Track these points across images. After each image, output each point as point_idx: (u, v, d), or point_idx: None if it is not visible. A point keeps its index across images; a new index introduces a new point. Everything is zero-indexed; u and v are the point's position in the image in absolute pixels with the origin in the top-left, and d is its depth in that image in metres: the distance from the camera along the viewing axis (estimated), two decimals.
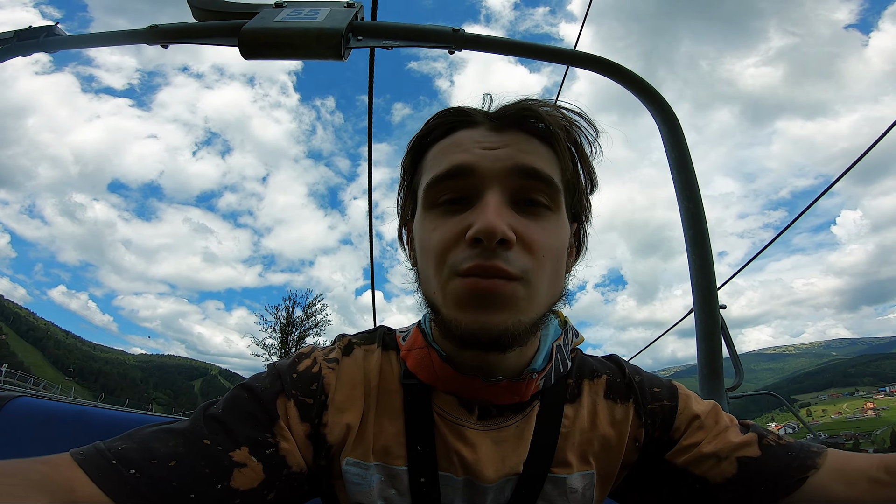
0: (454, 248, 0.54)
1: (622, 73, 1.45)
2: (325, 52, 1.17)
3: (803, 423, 3.22)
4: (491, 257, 0.52)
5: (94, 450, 0.48)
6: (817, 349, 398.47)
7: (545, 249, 0.55)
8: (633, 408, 0.65)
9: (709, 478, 0.59)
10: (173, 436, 0.52)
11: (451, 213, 0.57)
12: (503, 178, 0.56)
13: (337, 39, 1.16)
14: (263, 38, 1.15)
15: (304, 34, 1.15)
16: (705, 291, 1.30)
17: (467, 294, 0.52)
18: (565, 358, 0.66)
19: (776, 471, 0.58)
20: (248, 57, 1.16)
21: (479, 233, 0.51)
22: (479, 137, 0.58)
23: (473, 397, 0.61)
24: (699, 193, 1.35)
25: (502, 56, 1.43)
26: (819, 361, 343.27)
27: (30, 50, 1.26)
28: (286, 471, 0.55)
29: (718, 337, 1.29)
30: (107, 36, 1.26)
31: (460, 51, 1.33)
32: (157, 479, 0.47)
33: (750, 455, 0.59)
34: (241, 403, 0.56)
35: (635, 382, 0.67)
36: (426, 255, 0.58)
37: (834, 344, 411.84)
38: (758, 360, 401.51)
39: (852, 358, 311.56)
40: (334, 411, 0.60)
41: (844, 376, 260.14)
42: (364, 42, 1.24)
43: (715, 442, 0.60)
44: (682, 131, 1.41)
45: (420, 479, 0.58)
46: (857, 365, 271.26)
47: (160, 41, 1.21)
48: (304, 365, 0.62)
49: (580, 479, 0.61)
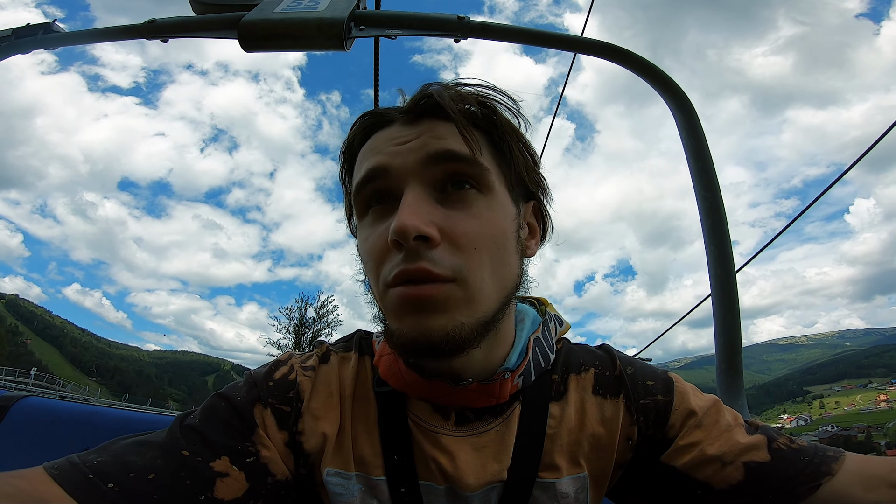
0: (385, 257, 0.52)
1: (633, 60, 1.40)
2: (327, 43, 1.14)
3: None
4: (415, 259, 0.48)
5: (69, 464, 0.47)
6: (830, 340, 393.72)
7: (477, 241, 0.51)
8: (624, 403, 0.60)
9: (712, 483, 0.55)
10: (150, 448, 0.50)
11: (379, 219, 0.54)
12: (418, 170, 0.52)
13: (338, 29, 1.12)
14: (263, 30, 1.12)
15: (304, 24, 1.12)
16: (724, 283, 1.26)
17: (400, 303, 0.50)
18: (546, 351, 0.62)
19: (787, 477, 0.53)
20: (247, 49, 1.14)
21: (394, 234, 0.48)
22: (394, 134, 0.56)
23: (446, 403, 0.58)
24: (717, 182, 1.30)
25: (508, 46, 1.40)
26: (832, 352, 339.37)
27: (28, 47, 1.24)
28: (271, 479, 0.53)
29: (738, 330, 1.25)
30: (105, 31, 1.25)
31: (465, 39, 1.28)
32: (136, 493, 0.45)
33: (758, 460, 0.54)
34: (218, 413, 0.55)
35: (626, 375, 0.62)
36: (365, 266, 0.57)
37: (847, 334, 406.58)
38: (770, 350, 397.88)
39: (866, 349, 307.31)
40: (310, 419, 0.58)
41: (858, 367, 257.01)
42: (366, 31, 1.20)
43: (719, 443, 0.56)
44: (698, 118, 1.37)
45: (400, 489, 0.56)
46: (870, 356, 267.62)
47: (159, 35, 1.19)
48: (281, 373, 0.61)
49: (571, 483, 0.57)
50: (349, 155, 0.61)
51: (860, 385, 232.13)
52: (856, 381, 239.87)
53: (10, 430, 1.10)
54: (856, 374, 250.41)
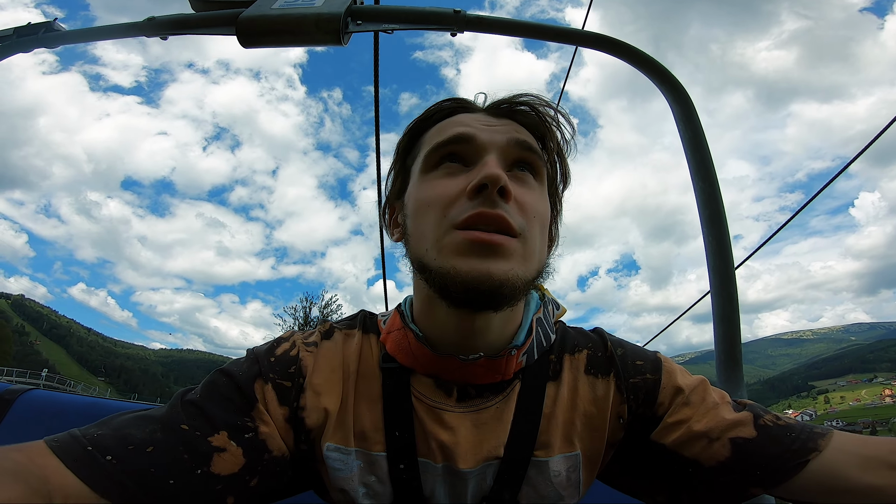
0: (455, 202, 0.55)
1: (632, 53, 1.40)
2: (325, 38, 1.15)
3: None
4: (495, 206, 0.53)
5: (69, 437, 0.48)
6: (836, 334, 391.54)
7: (535, 211, 0.58)
8: (615, 382, 0.62)
9: (701, 461, 0.57)
10: (150, 422, 0.51)
11: (450, 174, 0.58)
12: (501, 147, 0.59)
13: (335, 24, 1.13)
14: (261, 26, 1.13)
15: (301, 20, 1.13)
16: (723, 275, 1.26)
17: (468, 245, 0.52)
18: (547, 331, 0.65)
19: (774, 454, 0.55)
20: (246, 45, 1.15)
21: (485, 178, 0.53)
22: (480, 118, 0.62)
23: (452, 379, 0.60)
24: (715, 174, 1.30)
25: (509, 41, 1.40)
26: (837, 346, 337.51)
27: (30, 46, 1.26)
28: (267, 455, 0.54)
29: (737, 322, 1.25)
30: (105, 30, 1.26)
31: (462, 33, 1.29)
32: (134, 466, 0.46)
33: (744, 436, 0.56)
34: (219, 388, 0.56)
35: (616, 355, 0.64)
36: (424, 212, 0.58)
37: (853, 328, 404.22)
38: (775, 345, 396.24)
39: (871, 343, 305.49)
40: (312, 394, 0.59)
41: (863, 362, 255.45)
42: (364, 26, 1.21)
43: (705, 420, 0.58)
44: (695, 111, 1.37)
45: (399, 465, 0.58)
46: (875, 350, 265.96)
47: (158, 33, 1.21)
48: (283, 349, 0.62)
49: (563, 462, 0.59)
50: (421, 127, 0.66)
51: (865, 380, 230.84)
52: (861, 376, 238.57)
53: (14, 423, 1.11)
54: (861, 368, 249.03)
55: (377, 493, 0.58)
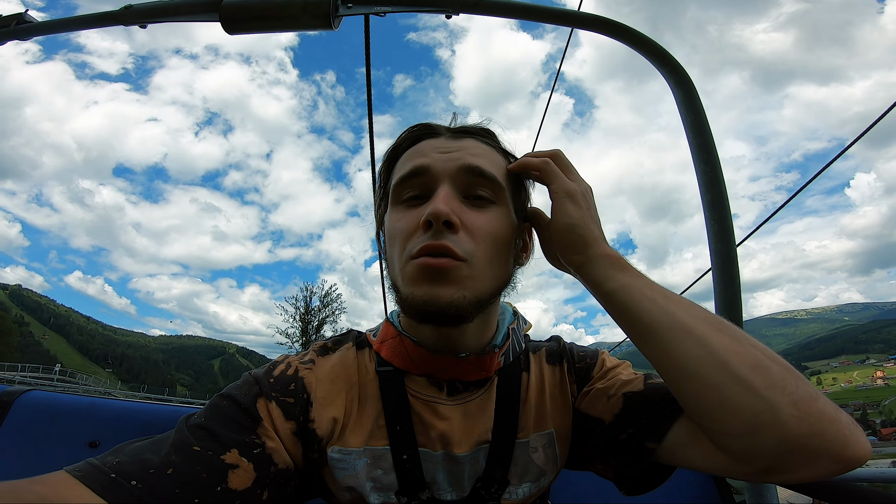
0: (412, 235, 0.62)
1: (631, 35, 1.36)
2: (314, 22, 1.10)
3: None
4: (439, 237, 0.59)
5: (89, 466, 0.49)
6: (830, 314, 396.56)
7: (486, 235, 0.63)
8: (566, 366, 0.75)
9: (603, 418, 0.66)
10: (163, 446, 0.53)
11: (412, 207, 0.65)
12: (452, 175, 0.64)
13: (325, 8, 1.09)
14: (246, 11, 1.08)
15: (289, 4, 1.08)
16: (724, 258, 1.25)
17: (419, 270, 0.59)
18: (519, 339, 0.76)
19: (655, 402, 0.62)
20: (230, 31, 1.10)
21: (429, 215, 0.59)
22: (438, 144, 0.68)
23: (444, 377, 0.68)
24: (717, 156, 1.29)
25: (505, 22, 1.36)
26: (831, 327, 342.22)
27: (2, 39, 1.21)
28: (273, 468, 0.57)
29: (739, 304, 1.24)
30: (81, 20, 1.21)
31: (458, 15, 1.24)
32: (159, 488, 0.48)
33: (633, 390, 0.66)
34: (223, 411, 0.59)
35: (566, 348, 0.78)
36: (391, 243, 0.66)
37: (846, 308, 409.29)
38: (770, 325, 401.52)
39: (864, 323, 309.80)
40: (318, 406, 0.64)
41: (856, 343, 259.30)
42: (354, 9, 1.16)
43: (605, 381, 0.70)
44: (696, 93, 1.34)
45: (402, 456, 0.64)
46: (868, 331, 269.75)
47: (137, 21, 1.16)
48: (280, 370, 0.66)
49: (539, 439, 0.69)
50: (393, 155, 0.72)
51: (857, 361, 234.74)
52: (853, 357, 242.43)
53: (14, 425, 1.11)
54: (854, 349, 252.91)
55: (384, 485, 0.63)
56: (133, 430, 1.12)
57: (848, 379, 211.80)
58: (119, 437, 1.04)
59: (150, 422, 1.13)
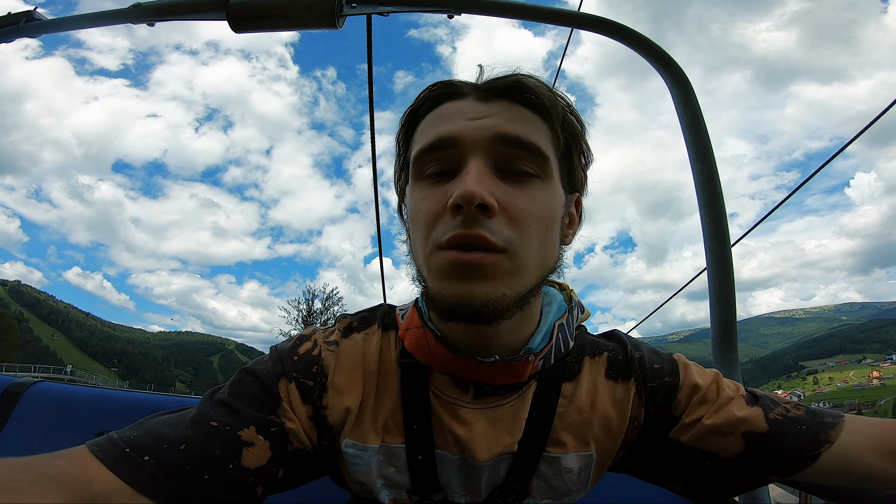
0: (438, 219, 0.53)
1: (629, 35, 1.38)
2: (319, 21, 1.12)
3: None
4: (473, 225, 0.50)
5: (108, 440, 0.50)
6: (828, 313, 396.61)
7: (531, 219, 0.53)
8: (635, 387, 0.63)
9: (718, 453, 0.59)
10: (182, 421, 0.53)
11: (437, 183, 0.55)
12: (486, 146, 0.53)
13: (330, 7, 1.11)
14: (253, 10, 1.10)
15: (295, 4, 1.10)
16: (719, 255, 1.27)
17: (449, 266, 0.51)
18: (567, 337, 0.64)
19: (786, 446, 0.57)
20: (237, 30, 1.12)
21: (459, 198, 0.49)
22: (465, 108, 0.56)
23: (469, 378, 0.60)
24: (713, 156, 1.30)
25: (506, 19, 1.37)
26: (829, 326, 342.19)
27: (10, 36, 1.23)
28: (290, 447, 0.56)
29: (733, 303, 1.27)
30: (89, 17, 1.22)
31: (459, 15, 1.26)
32: (171, 464, 0.48)
33: (756, 430, 0.58)
34: (246, 387, 0.58)
35: (636, 359, 0.64)
36: (414, 227, 0.57)
37: (844, 308, 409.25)
38: (768, 324, 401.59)
39: (862, 323, 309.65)
40: (334, 393, 0.61)
41: (853, 342, 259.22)
42: (359, 9, 1.18)
43: (716, 416, 0.59)
44: (693, 93, 1.36)
45: (417, 456, 0.60)
46: (866, 331, 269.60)
47: (145, 19, 1.17)
48: (305, 347, 0.63)
49: (576, 460, 0.61)
50: (412, 119, 0.62)
51: (854, 360, 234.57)
52: (850, 357, 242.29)
53: (23, 416, 1.13)
54: (851, 349, 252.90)
55: (395, 483, 0.60)
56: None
57: (844, 378, 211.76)
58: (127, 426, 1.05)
59: (157, 412, 1.15)
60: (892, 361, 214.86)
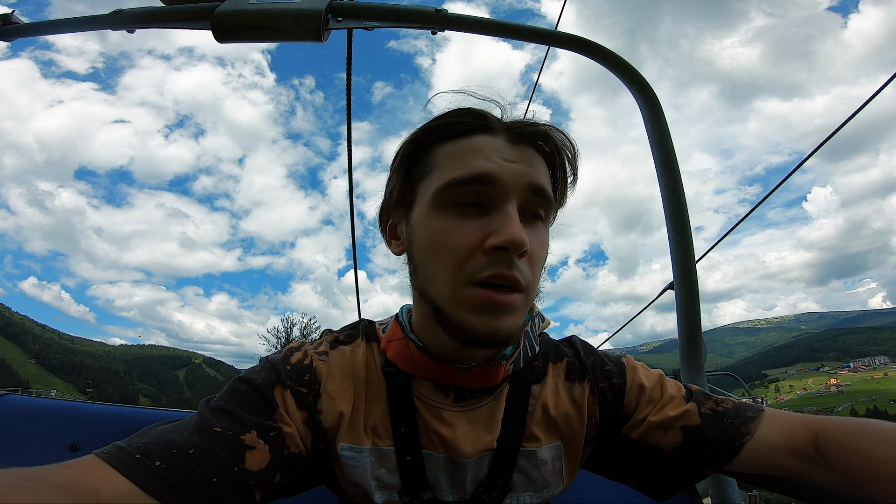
0: (472, 255, 0.57)
1: (603, 54, 1.45)
2: (304, 35, 1.14)
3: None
4: (511, 268, 0.56)
5: (117, 448, 0.51)
6: (788, 323, 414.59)
7: (541, 260, 0.62)
8: (589, 387, 0.71)
9: (661, 447, 0.67)
10: (185, 428, 0.55)
11: (467, 216, 0.58)
12: (520, 191, 0.59)
13: (316, 21, 1.12)
14: (238, 21, 1.11)
15: (281, 16, 1.11)
16: (685, 267, 1.34)
17: (483, 304, 0.56)
18: (532, 343, 0.72)
19: (715, 437, 0.64)
20: (221, 41, 1.12)
21: (507, 243, 0.54)
22: (500, 147, 0.60)
23: (448, 383, 0.67)
24: (678, 171, 1.38)
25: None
26: (790, 335, 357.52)
27: None
28: (287, 451, 0.59)
29: (698, 313, 1.33)
30: (68, 22, 1.20)
31: (443, 31, 1.31)
32: (181, 468, 0.50)
33: (691, 424, 0.66)
34: (242, 394, 0.60)
35: (588, 363, 0.73)
36: (437, 255, 0.59)
37: (804, 318, 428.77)
38: (732, 334, 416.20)
39: (820, 332, 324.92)
40: (327, 399, 0.65)
41: (812, 351, 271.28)
42: (344, 23, 1.20)
43: (660, 413, 0.67)
44: (662, 111, 1.43)
45: (406, 457, 0.65)
46: (824, 339, 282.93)
47: (126, 26, 1.16)
48: (297, 357, 0.67)
49: (549, 451, 0.68)
50: (430, 139, 0.63)
51: (813, 368, 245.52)
52: (809, 365, 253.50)
53: None
54: (810, 357, 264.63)
55: (387, 484, 0.65)
56: (114, 432, 1.10)
57: (804, 386, 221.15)
58: (100, 440, 1.00)
59: (131, 423, 1.12)
60: (849, 369, 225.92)
